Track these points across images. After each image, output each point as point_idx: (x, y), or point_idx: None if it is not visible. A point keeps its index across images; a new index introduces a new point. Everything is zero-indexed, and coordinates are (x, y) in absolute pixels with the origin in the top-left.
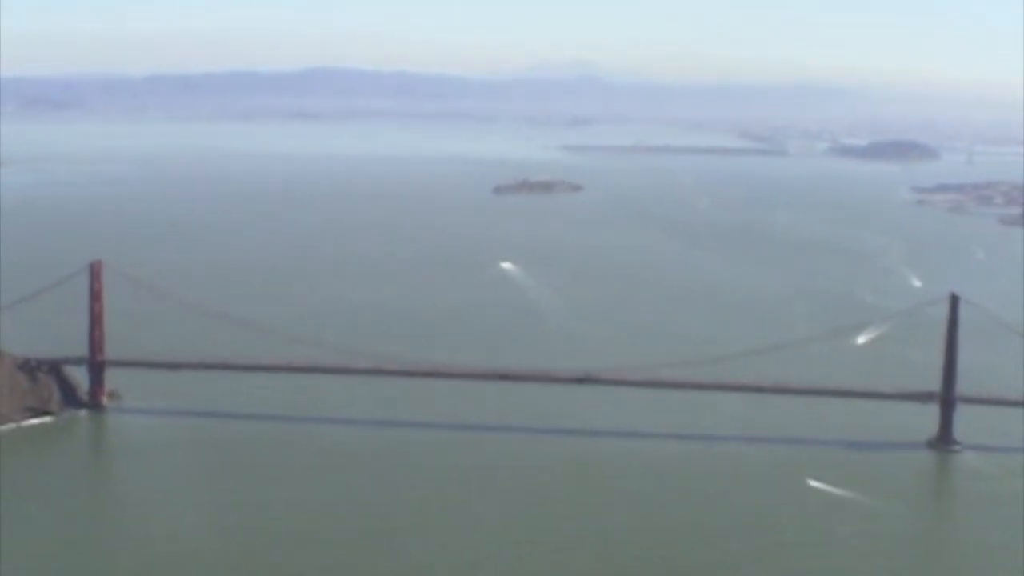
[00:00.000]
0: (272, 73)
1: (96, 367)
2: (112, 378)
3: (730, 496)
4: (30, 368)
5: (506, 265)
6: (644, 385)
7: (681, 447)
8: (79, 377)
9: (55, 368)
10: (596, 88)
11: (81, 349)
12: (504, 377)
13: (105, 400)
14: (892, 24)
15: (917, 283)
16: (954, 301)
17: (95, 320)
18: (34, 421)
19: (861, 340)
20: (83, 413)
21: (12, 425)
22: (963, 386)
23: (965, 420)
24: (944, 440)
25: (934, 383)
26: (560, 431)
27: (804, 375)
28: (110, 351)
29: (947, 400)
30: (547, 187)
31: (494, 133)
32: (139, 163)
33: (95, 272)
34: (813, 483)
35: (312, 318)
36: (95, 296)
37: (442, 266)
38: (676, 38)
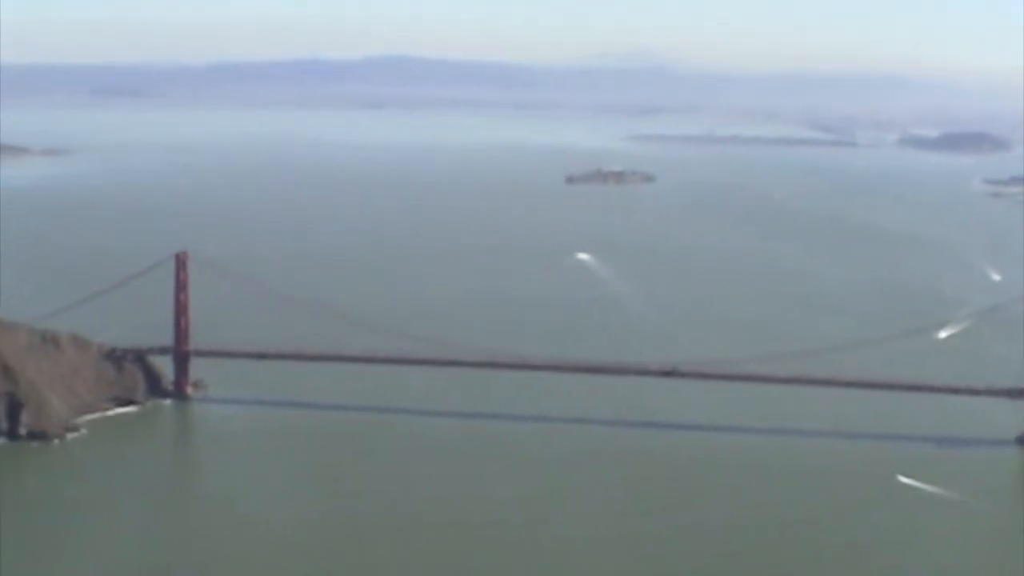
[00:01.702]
0: (340, 61)
1: (181, 357)
2: (197, 368)
3: (819, 491)
4: (116, 357)
5: (583, 256)
6: (732, 379)
7: (769, 442)
8: (164, 367)
9: (140, 358)
10: (662, 77)
11: (166, 339)
12: (592, 370)
13: (190, 390)
14: (959, 13)
15: (997, 277)
16: None
17: (181, 310)
18: (119, 410)
19: (944, 335)
20: (168, 403)
21: (98, 414)
22: None
23: None
24: None
25: (1023, 379)
26: (646, 424)
27: (889, 370)
28: (195, 341)
29: None
30: (620, 177)
31: (561, 122)
32: (213, 152)
33: (181, 262)
34: (903, 479)
35: (393, 307)
36: (181, 286)
37: (519, 256)
38: (741, 27)
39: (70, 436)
